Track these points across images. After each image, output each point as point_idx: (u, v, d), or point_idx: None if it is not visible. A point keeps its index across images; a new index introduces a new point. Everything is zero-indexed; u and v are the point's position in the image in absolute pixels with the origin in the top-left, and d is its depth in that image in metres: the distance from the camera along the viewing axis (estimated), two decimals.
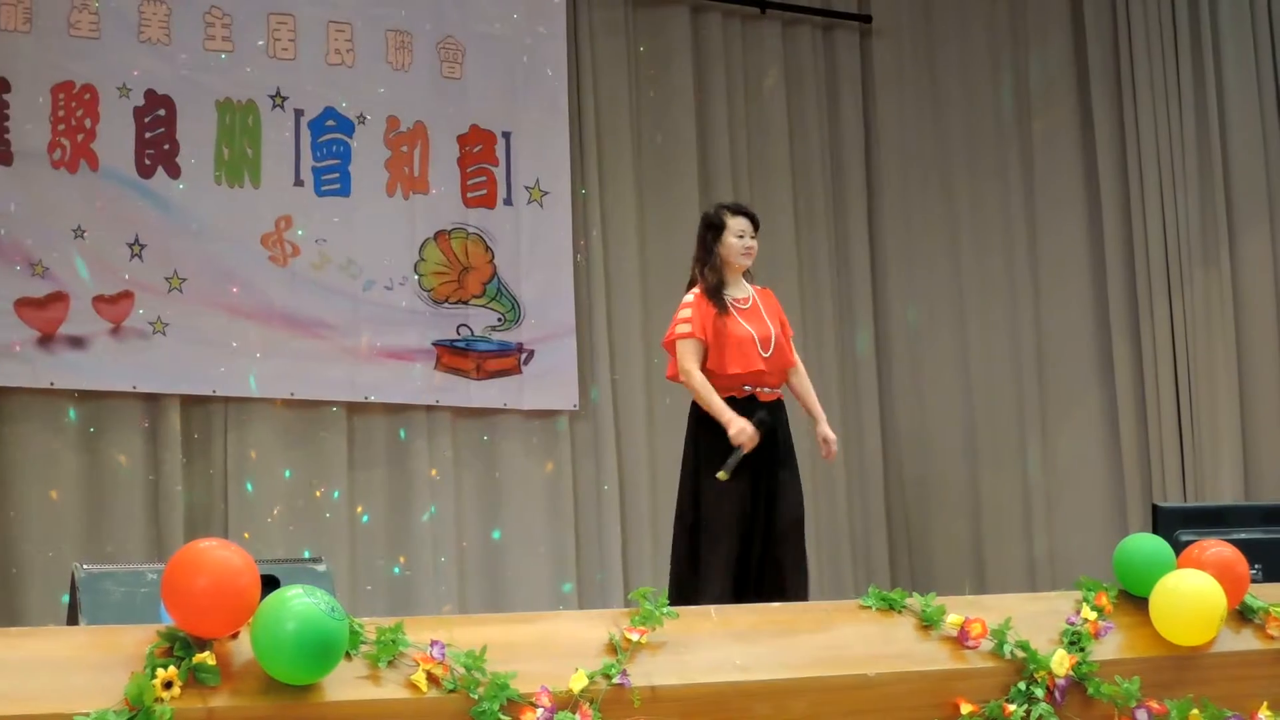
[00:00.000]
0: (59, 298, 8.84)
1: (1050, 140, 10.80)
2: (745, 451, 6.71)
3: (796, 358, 7.12)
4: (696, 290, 6.96)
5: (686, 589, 6.72)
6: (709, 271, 6.96)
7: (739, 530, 6.73)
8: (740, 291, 6.99)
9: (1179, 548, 5.47)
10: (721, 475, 6.75)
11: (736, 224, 6.99)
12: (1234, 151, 9.68)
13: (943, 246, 11.22)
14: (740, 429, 6.67)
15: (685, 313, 6.91)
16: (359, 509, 9.51)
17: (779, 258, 10.58)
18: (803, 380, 7.15)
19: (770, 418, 6.76)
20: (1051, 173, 10.78)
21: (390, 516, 9.58)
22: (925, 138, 11.33)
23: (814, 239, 11.03)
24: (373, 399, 9.56)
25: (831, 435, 7.11)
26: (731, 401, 6.80)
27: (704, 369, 6.84)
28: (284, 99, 9.50)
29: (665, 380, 10.20)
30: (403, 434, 9.68)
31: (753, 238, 7.01)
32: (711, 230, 7.02)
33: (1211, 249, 9.68)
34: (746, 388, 6.83)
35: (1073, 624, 5.13)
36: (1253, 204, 9.61)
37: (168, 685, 3.91)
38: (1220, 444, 9.51)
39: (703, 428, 6.86)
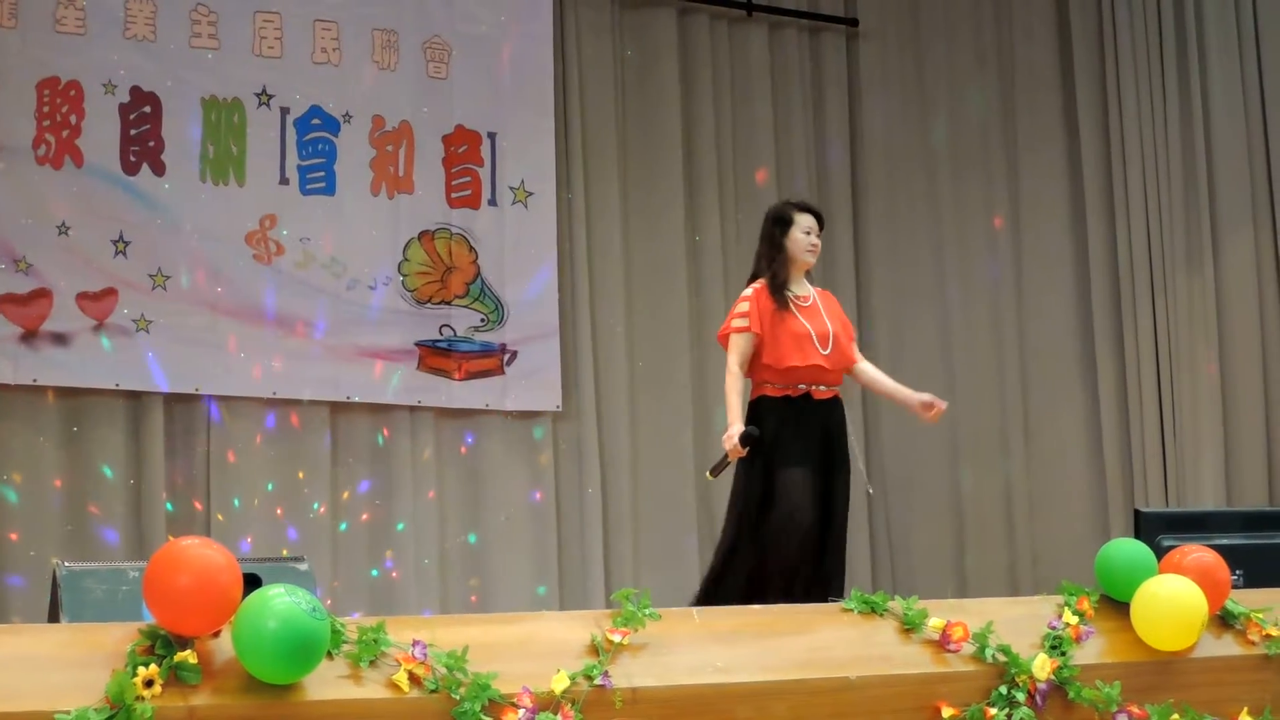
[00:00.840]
0: (42, 294, 8.83)
1: (1035, 144, 10.83)
2: (731, 461, 6.73)
3: (858, 355, 7.05)
4: (757, 284, 6.91)
5: (731, 584, 6.66)
6: (776, 266, 6.91)
7: (808, 527, 6.66)
8: (802, 290, 6.94)
9: (1161, 553, 5.49)
10: (709, 475, 6.98)
11: (804, 220, 6.96)
12: (1218, 157, 9.71)
13: (927, 249, 11.23)
14: (728, 435, 6.68)
15: (743, 306, 6.85)
16: (341, 508, 9.50)
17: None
18: (875, 372, 7.08)
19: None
20: (1036, 177, 10.81)
21: (373, 516, 9.57)
22: (910, 141, 11.33)
23: None
24: (355, 399, 9.55)
25: (926, 397, 6.99)
26: (787, 400, 6.76)
27: (760, 364, 6.80)
28: (270, 97, 9.49)
29: (648, 380, 10.28)
30: (385, 434, 9.67)
31: (819, 236, 7.00)
32: (779, 225, 6.97)
33: (1195, 254, 9.71)
34: (802, 385, 6.77)
35: (1054, 628, 5.15)
36: (1236, 209, 9.64)
37: (149, 683, 3.91)
38: (1202, 449, 9.53)
39: (765, 420, 6.77)
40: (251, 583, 4.22)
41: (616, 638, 4.56)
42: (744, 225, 10.69)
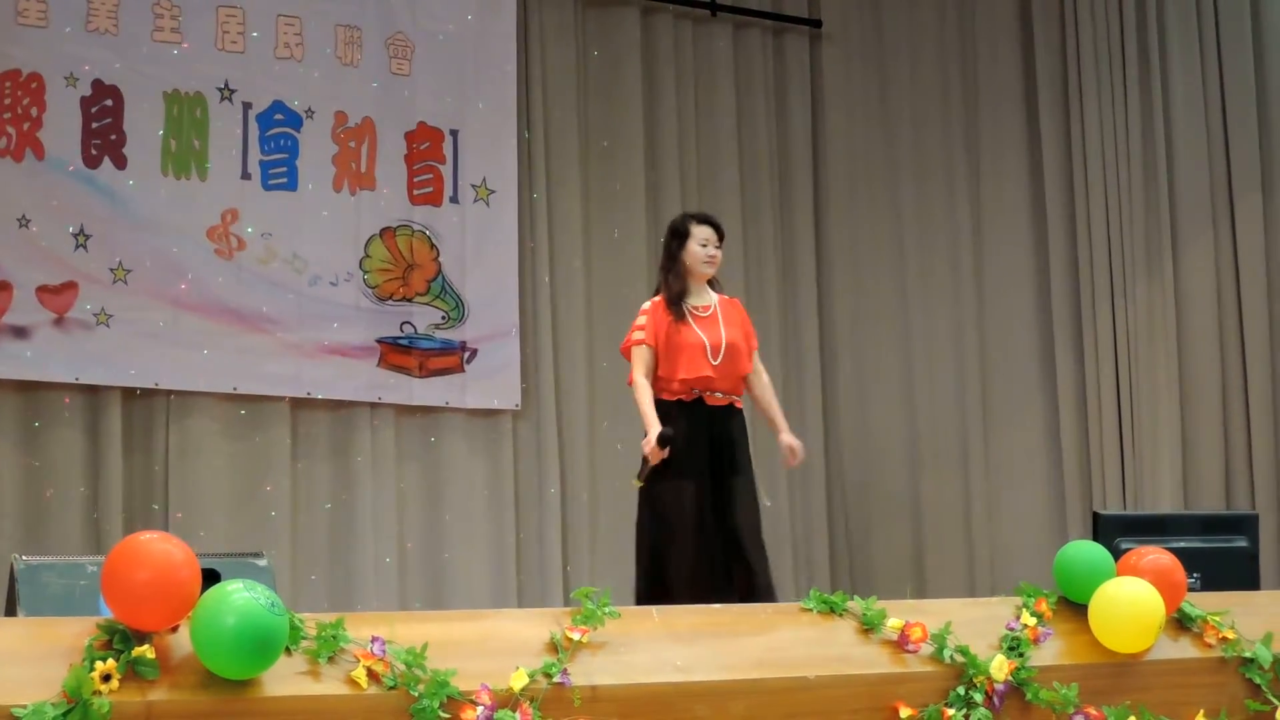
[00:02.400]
0: (2, 287, 8.78)
1: (997, 150, 10.86)
2: (651, 463, 6.85)
3: (759, 366, 7.26)
4: (655, 298, 7.11)
5: (655, 590, 6.75)
6: (672, 278, 7.13)
7: (696, 531, 6.79)
8: (701, 300, 7.13)
9: (1118, 555, 5.51)
10: (635, 482, 7.04)
11: (701, 232, 7.15)
12: (1178, 163, 9.75)
13: (888, 253, 11.25)
14: (647, 439, 6.82)
15: (640, 319, 7.08)
16: (301, 504, 9.47)
17: (725, 263, 10.53)
18: (764, 390, 7.28)
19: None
20: (997, 182, 10.85)
21: (333, 513, 9.54)
22: (873, 144, 11.35)
23: (760, 244, 11.02)
24: (317, 395, 9.52)
25: (795, 443, 7.23)
26: (680, 405, 6.92)
27: (657, 375, 6.96)
28: (232, 92, 9.45)
29: (608, 381, 10.27)
30: (346, 431, 9.64)
31: (716, 247, 7.19)
32: (676, 238, 7.20)
33: (1155, 259, 9.75)
34: (695, 391, 6.93)
35: (1012, 629, 5.16)
36: (1196, 215, 9.68)
37: (106, 678, 3.90)
38: (1160, 453, 9.57)
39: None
40: (210, 578, 4.21)
41: (576, 636, 4.56)
42: None
